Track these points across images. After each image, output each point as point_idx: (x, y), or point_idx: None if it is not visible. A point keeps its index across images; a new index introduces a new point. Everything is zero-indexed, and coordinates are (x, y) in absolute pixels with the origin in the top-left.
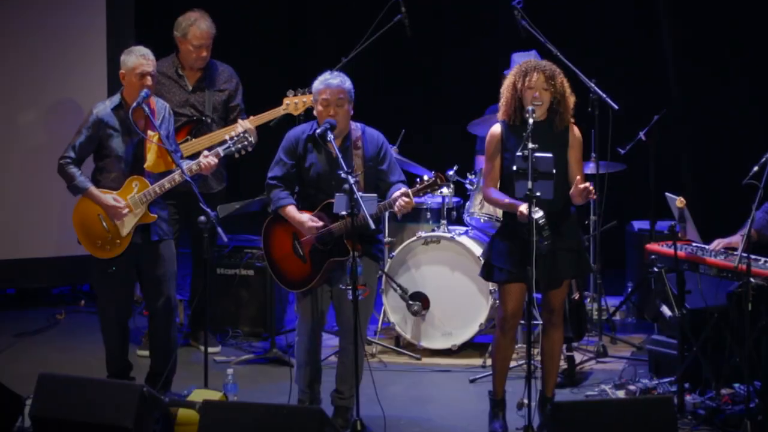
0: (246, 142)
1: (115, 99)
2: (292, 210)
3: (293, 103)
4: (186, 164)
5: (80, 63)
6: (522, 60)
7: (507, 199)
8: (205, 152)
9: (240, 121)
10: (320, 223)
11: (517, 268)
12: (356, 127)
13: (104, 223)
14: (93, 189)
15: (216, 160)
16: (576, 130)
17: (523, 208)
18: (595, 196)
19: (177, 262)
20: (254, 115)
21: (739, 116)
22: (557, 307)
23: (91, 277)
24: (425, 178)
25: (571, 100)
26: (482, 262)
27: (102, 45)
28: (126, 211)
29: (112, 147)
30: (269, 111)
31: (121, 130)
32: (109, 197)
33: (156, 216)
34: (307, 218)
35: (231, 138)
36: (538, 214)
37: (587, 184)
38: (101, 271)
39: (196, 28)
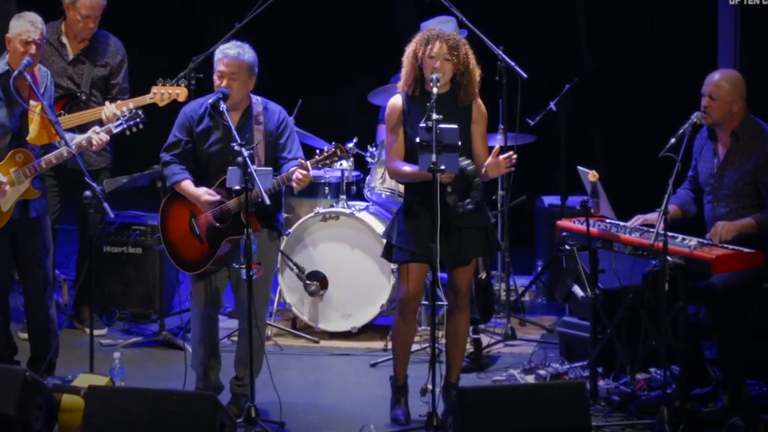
0: (138, 119)
1: (1, 65)
2: (188, 184)
3: (160, 93)
4: (76, 138)
5: None
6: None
7: (417, 169)
8: (96, 128)
9: (106, 105)
10: (217, 197)
11: (419, 248)
12: (257, 101)
13: None
14: None
15: (108, 137)
16: (481, 105)
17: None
18: (513, 169)
19: (63, 240)
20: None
21: (656, 86)
22: (463, 288)
23: None
24: (325, 149)
25: (476, 72)
26: (384, 241)
27: None
28: (7, 187)
29: None
30: (135, 98)
31: (5, 100)
32: None
33: (39, 192)
34: (203, 191)
35: (123, 114)
36: (467, 161)
37: (509, 153)
38: None
39: None
